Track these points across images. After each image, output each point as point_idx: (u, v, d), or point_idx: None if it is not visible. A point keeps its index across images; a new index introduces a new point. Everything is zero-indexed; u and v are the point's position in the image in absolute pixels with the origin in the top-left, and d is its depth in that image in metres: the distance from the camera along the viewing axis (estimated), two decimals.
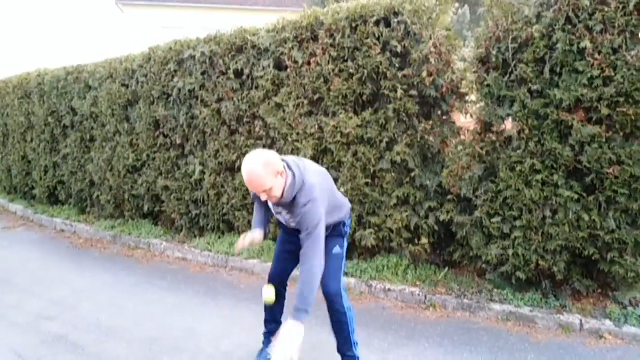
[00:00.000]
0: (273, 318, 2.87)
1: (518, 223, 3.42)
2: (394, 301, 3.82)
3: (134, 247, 5.69)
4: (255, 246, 2.84)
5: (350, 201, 3.36)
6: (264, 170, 2.15)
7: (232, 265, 4.78)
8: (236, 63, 4.80)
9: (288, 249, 2.68)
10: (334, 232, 2.57)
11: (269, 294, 2.51)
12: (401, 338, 3.20)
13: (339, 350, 2.68)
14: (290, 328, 2.09)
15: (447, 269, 4.03)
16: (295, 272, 2.64)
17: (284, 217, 2.50)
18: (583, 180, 3.23)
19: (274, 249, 4.73)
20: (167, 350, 3.13)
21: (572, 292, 3.49)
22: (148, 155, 5.83)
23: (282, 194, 2.27)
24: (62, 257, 5.50)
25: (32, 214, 7.60)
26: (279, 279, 2.73)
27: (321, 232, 2.22)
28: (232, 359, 2.99)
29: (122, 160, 6.06)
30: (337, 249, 2.56)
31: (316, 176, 2.37)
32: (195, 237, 5.56)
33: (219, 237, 5.31)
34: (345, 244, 2.65)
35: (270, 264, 4.45)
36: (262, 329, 2.93)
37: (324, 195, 2.33)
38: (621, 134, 3.09)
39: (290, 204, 2.32)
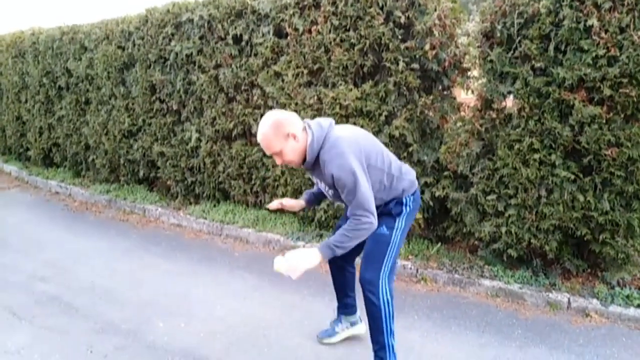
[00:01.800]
0: (344, 293, 2.69)
1: (513, 201, 3.43)
2: None
3: (129, 212, 5.69)
4: (288, 209, 2.58)
5: None
6: (272, 131, 2.04)
7: (227, 233, 4.80)
8: (235, 28, 4.69)
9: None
10: (384, 208, 2.24)
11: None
12: None
13: (373, 349, 2.37)
14: (309, 252, 1.99)
15: (439, 244, 4.06)
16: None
17: (323, 187, 2.25)
18: (580, 160, 3.23)
19: (269, 218, 4.78)
20: (161, 315, 3.17)
21: (562, 271, 3.54)
22: (144, 120, 5.76)
23: (305, 158, 2.12)
24: (56, 220, 5.51)
25: (26, 175, 7.57)
26: (342, 259, 2.44)
27: (363, 190, 1.98)
28: (225, 324, 3.03)
29: (118, 124, 6.00)
30: (382, 229, 2.20)
31: (345, 131, 2.13)
32: (190, 204, 5.56)
33: (214, 205, 5.32)
34: (399, 225, 2.24)
35: (264, 233, 4.52)
36: (260, 297, 2.88)
37: (358, 149, 2.05)
38: (622, 115, 3.07)
39: (316, 166, 2.11)
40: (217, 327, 3.00)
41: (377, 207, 2.18)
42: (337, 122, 4.08)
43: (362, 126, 4.02)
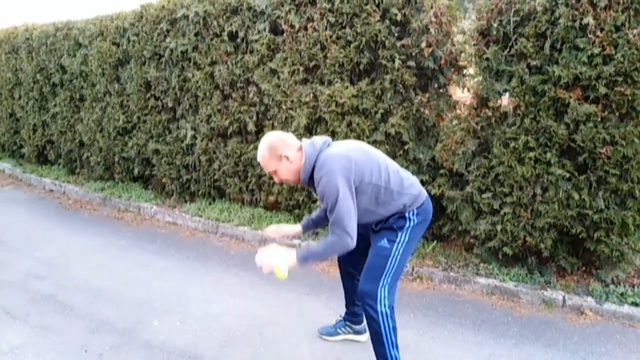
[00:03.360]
0: (351, 300, 2.70)
1: (508, 199, 3.44)
2: None
3: (124, 210, 5.67)
4: (286, 236, 2.60)
5: None
6: (267, 153, 2.16)
7: (223, 231, 4.79)
8: (230, 25, 4.66)
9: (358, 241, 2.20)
10: (385, 224, 2.23)
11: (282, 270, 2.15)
12: None
13: None
14: (286, 253, 2.08)
15: (435, 242, 4.07)
16: None
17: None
18: (575, 159, 3.23)
19: (265, 216, 4.77)
20: (156, 313, 3.16)
21: (557, 269, 3.55)
22: (139, 118, 5.73)
23: (299, 177, 2.20)
24: (51, 217, 5.48)
25: (20, 172, 7.52)
26: (352, 266, 2.54)
27: (344, 209, 2.01)
28: (220, 322, 3.03)
29: (112, 121, 5.96)
30: (383, 242, 2.20)
31: (338, 148, 2.16)
32: (185, 202, 5.54)
33: (210, 203, 5.30)
34: (402, 238, 2.19)
35: (260, 232, 4.51)
36: (256, 295, 2.89)
37: (348, 169, 2.06)
38: (617, 114, 3.07)
39: (311, 183, 2.18)
40: (213, 325, 3.00)
41: (378, 223, 2.23)
42: (333, 120, 4.13)
43: (358, 124, 4.02)
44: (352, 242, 2.04)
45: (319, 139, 2.21)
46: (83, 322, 3.04)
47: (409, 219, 2.21)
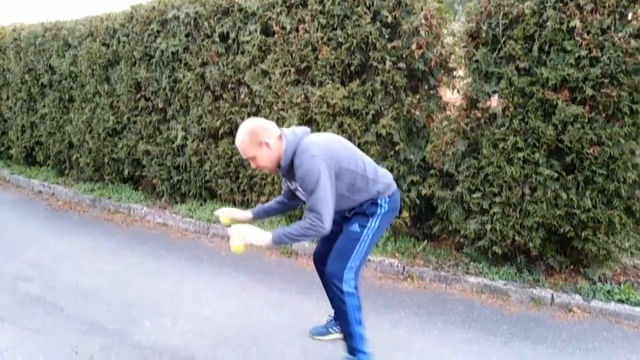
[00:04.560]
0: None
1: (497, 199, 3.48)
2: (373, 271, 3.89)
3: (114, 211, 5.63)
4: (236, 222, 2.63)
5: None
6: (248, 138, 2.17)
7: (214, 232, 4.78)
8: (222, 26, 4.67)
9: (332, 229, 2.28)
10: (359, 209, 2.33)
11: (223, 214, 2.50)
12: (379, 307, 3.28)
13: (343, 340, 2.46)
14: (261, 232, 2.13)
15: (426, 241, 4.11)
16: None
17: (299, 191, 2.32)
18: (563, 159, 3.29)
19: None
20: (147, 314, 3.15)
21: (546, 268, 3.60)
22: (129, 119, 5.70)
23: (279, 164, 2.22)
24: (40, 219, 5.42)
25: (8, 174, 7.43)
26: (321, 266, 2.54)
27: (322, 194, 2.07)
28: (212, 323, 3.02)
29: (102, 122, 5.92)
30: (355, 227, 2.30)
31: (318, 137, 2.23)
32: (176, 203, 5.52)
33: (201, 204, 5.29)
34: (372, 224, 2.31)
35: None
36: (247, 295, 2.91)
37: (329, 155, 2.14)
38: (603, 115, 3.13)
39: (291, 170, 2.21)
40: (204, 326, 2.99)
41: (352, 208, 2.32)
42: (324, 121, 4.15)
43: (349, 125, 4.04)
44: (326, 228, 2.09)
45: (299, 128, 2.27)
46: (73, 324, 3.01)
47: (381, 205, 2.31)
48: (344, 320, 2.36)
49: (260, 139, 2.16)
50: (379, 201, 2.30)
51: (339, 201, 2.22)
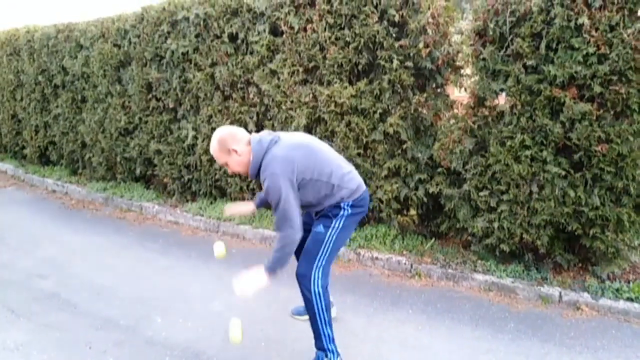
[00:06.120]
0: None
1: (505, 197, 3.48)
2: (381, 269, 3.91)
3: (126, 210, 5.72)
4: (242, 215, 2.81)
5: None
6: (217, 146, 2.31)
7: (224, 230, 4.84)
8: (231, 26, 4.71)
9: (306, 228, 2.46)
10: (323, 212, 2.44)
11: (219, 249, 2.70)
12: (386, 304, 3.30)
13: (314, 338, 2.53)
14: (257, 275, 2.23)
15: (433, 239, 4.12)
16: None
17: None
18: (571, 157, 3.28)
19: (265, 215, 4.81)
20: (159, 310, 3.21)
21: (553, 265, 3.60)
22: (140, 118, 5.78)
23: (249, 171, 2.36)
24: (53, 218, 5.53)
25: (22, 173, 7.57)
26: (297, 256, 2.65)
27: (287, 207, 2.19)
28: (222, 319, 3.07)
29: (114, 122, 6.01)
30: (319, 228, 2.42)
31: (283, 148, 2.28)
32: (187, 201, 5.59)
33: (211, 203, 5.35)
34: (336, 225, 2.41)
35: (261, 230, 4.56)
36: (260, 293, 2.93)
37: (291, 170, 2.23)
38: (611, 112, 3.12)
39: (259, 179, 2.33)
40: (215, 322, 3.04)
41: (319, 212, 2.46)
42: (332, 120, 4.18)
43: (357, 123, 4.06)
44: (298, 235, 2.23)
45: (267, 136, 2.34)
46: (86, 320, 3.09)
47: (343, 208, 2.41)
48: (313, 320, 2.45)
49: (228, 146, 2.29)
50: (342, 204, 2.40)
51: (305, 207, 2.40)
